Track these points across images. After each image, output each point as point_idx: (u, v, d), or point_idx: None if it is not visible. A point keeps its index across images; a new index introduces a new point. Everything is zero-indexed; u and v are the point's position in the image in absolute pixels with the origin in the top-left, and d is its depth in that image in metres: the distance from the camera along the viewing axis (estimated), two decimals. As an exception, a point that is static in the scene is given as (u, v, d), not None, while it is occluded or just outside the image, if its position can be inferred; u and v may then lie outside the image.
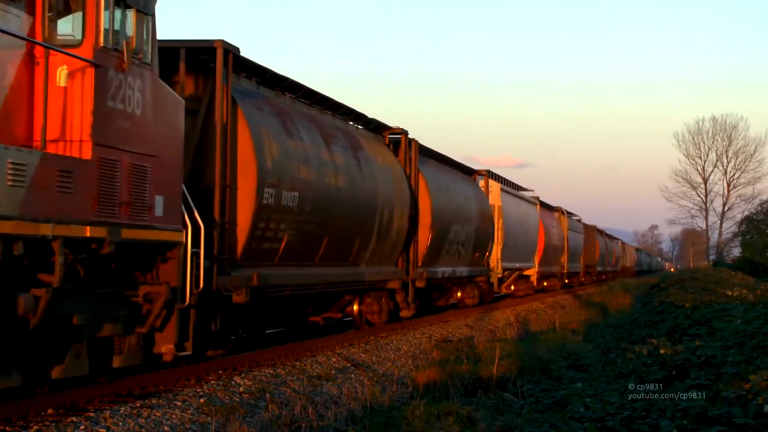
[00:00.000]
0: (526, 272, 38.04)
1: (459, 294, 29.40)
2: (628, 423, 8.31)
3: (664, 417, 8.22)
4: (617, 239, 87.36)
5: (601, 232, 70.35)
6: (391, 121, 21.73)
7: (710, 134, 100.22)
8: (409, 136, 22.18)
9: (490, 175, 31.59)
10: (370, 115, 20.15)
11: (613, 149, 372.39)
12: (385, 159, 20.17)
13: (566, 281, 51.23)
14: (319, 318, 19.45)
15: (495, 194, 30.98)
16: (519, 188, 38.37)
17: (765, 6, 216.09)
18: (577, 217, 57.40)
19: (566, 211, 50.69)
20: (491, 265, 30.08)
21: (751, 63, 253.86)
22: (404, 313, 21.83)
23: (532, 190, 41.29)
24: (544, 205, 44.20)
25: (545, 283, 45.17)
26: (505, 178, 34.55)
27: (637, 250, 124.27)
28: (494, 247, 29.99)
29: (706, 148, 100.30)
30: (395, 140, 21.76)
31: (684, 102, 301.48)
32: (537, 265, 39.16)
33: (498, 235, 30.27)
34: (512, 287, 37.55)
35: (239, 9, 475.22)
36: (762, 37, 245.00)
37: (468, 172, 29.57)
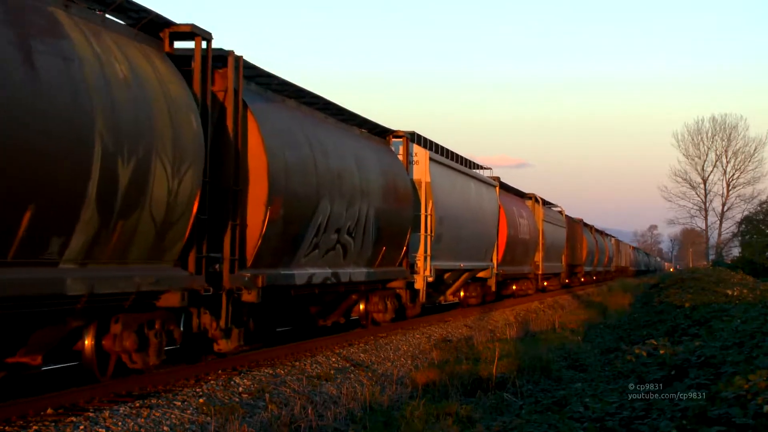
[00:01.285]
0: (481, 274, 28.82)
1: (362, 307, 20.13)
2: (627, 423, 8.32)
3: (664, 417, 8.22)
4: (611, 236, 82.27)
5: (590, 227, 61.09)
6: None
7: (710, 134, 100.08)
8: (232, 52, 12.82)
9: (415, 139, 22.56)
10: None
11: (613, 149, 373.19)
12: (141, 72, 10.91)
13: (544, 284, 42.30)
14: None
15: (422, 166, 21.92)
16: (475, 166, 29.56)
17: (765, 6, 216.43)
18: (558, 208, 48.03)
19: (542, 199, 41.03)
20: (417, 264, 21.40)
21: (751, 63, 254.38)
22: (221, 347, 13.04)
23: (490, 168, 31.80)
24: (509, 189, 35.33)
25: (514, 287, 37.48)
26: (443, 147, 25.20)
27: (635, 249, 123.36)
28: (421, 240, 21.55)
29: (706, 148, 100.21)
30: (190, 53, 12.39)
31: (684, 102, 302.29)
32: (496, 265, 29.88)
33: (427, 223, 21.68)
34: (462, 293, 30.10)
35: (239, 9, 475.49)
36: (762, 37, 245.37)
37: (375, 130, 20.07)
